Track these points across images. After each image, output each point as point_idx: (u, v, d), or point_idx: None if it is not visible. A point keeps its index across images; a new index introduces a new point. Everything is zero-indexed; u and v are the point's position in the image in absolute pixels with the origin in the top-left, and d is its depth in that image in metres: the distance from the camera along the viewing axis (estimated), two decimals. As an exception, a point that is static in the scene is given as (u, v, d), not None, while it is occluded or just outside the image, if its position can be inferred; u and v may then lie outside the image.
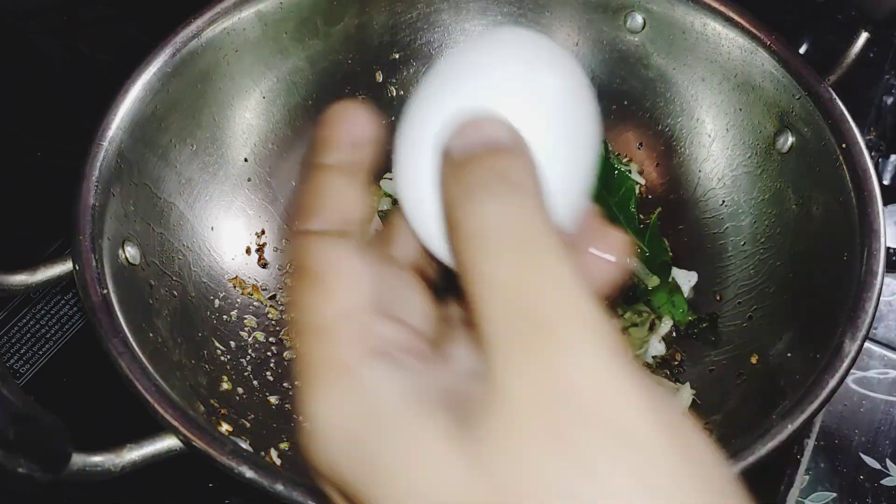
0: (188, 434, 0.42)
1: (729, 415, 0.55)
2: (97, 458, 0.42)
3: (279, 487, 0.41)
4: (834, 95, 0.57)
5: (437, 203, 0.24)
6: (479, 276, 0.20)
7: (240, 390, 0.56)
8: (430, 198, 0.24)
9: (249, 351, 0.60)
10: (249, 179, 0.65)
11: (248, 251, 0.64)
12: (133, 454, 0.43)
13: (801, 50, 0.79)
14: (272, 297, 0.63)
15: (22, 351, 0.65)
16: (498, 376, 0.20)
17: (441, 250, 0.25)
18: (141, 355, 0.46)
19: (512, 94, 0.24)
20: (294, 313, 0.23)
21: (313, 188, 0.25)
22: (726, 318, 0.62)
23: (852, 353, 0.47)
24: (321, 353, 0.22)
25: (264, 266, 0.64)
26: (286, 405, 0.58)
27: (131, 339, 0.46)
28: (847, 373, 0.47)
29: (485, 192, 0.21)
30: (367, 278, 0.23)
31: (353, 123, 0.26)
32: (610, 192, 0.68)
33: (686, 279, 0.64)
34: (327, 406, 0.21)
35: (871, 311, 0.48)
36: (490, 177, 0.21)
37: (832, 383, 0.46)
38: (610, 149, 0.70)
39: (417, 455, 0.19)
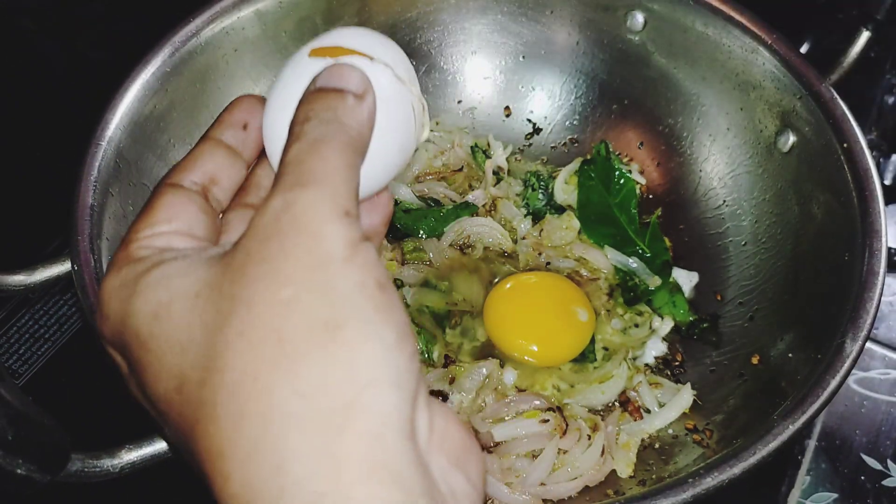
0: (187, 435, 0.42)
1: (730, 415, 0.55)
2: (96, 459, 0.42)
3: (279, 489, 0.41)
4: (835, 95, 0.56)
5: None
6: (285, 156, 0.28)
7: (239, 391, 0.55)
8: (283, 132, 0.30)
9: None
10: (249, 179, 0.64)
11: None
12: (132, 455, 0.43)
13: (803, 49, 0.79)
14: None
15: (20, 351, 0.65)
16: (254, 218, 0.27)
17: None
18: (140, 356, 0.46)
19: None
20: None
21: (193, 152, 0.33)
22: (727, 318, 0.62)
23: (853, 354, 0.47)
24: (117, 256, 0.30)
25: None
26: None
27: (130, 340, 0.46)
28: (848, 373, 0.47)
29: (315, 116, 0.29)
30: (183, 218, 0.31)
31: (246, 111, 0.34)
32: (611, 193, 0.68)
33: (687, 279, 0.64)
34: (107, 283, 0.30)
35: (872, 311, 0.48)
36: (323, 108, 0.29)
37: (833, 384, 0.46)
38: (611, 148, 0.70)
39: (172, 287, 0.27)
